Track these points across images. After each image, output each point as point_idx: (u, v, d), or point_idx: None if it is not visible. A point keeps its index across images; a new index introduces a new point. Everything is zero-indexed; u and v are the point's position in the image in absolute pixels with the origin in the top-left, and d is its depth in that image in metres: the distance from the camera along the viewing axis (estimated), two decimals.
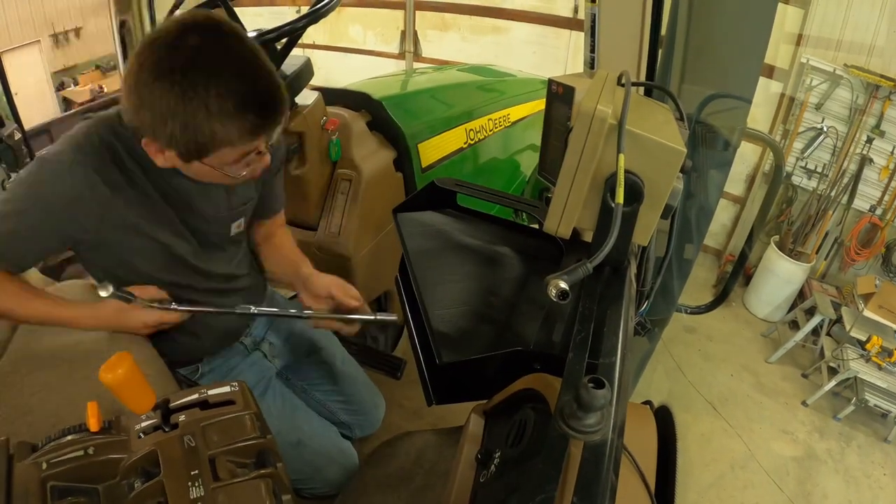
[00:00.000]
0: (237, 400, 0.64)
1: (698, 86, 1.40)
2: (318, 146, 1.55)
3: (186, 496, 0.53)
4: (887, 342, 2.79)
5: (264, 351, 1.29)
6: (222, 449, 0.58)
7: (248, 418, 0.62)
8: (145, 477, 0.55)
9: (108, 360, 0.55)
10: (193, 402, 0.63)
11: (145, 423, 0.60)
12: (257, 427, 0.62)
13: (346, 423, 1.41)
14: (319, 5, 1.37)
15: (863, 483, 2.50)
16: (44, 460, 0.54)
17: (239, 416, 0.62)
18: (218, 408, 0.63)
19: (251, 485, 0.55)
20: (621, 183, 0.72)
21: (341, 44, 4.93)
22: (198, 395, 0.63)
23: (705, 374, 2.94)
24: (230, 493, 0.54)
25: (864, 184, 3.14)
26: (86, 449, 0.56)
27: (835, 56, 3.04)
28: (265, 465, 0.58)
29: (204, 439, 0.58)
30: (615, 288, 0.85)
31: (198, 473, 0.55)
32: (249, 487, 0.55)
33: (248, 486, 0.55)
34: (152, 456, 0.56)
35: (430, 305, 0.93)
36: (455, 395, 0.90)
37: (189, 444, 0.57)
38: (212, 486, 0.54)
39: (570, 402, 0.54)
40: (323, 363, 1.39)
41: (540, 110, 2.31)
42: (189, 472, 0.55)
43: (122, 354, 0.56)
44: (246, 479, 0.56)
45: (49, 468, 0.54)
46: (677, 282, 1.49)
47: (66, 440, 0.57)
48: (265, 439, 0.61)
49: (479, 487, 0.72)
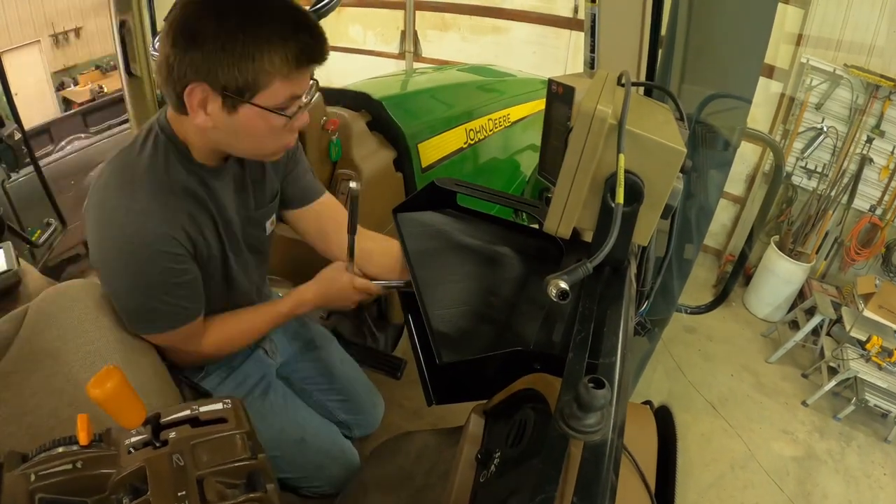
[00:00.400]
0: (229, 418, 0.62)
1: (698, 86, 1.40)
2: (318, 146, 1.56)
3: None
4: (887, 342, 2.79)
5: (265, 348, 1.29)
6: (211, 469, 0.56)
7: (240, 437, 0.60)
8: (133, 494, 0.54)
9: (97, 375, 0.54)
10: (184, 419, 0.61)
11: (135, 439, 0.58)
12: (248, 447, 0.60)
13: (344, 423, 1.41)
14: (319, 5, 1.37)
15: (863, 483, 2.50)
16: (32, 472, 0.53)
17: (230, 436, 0.60)
18: (209, 425, 0.61)
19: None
20: (621, 183, 0.72)
21: (341, 44, 4.92)
22: (189, 412, 0.62)
23: (705, 374, 2.94)
24: None
25: (864, 184, 3.14)
26: (74, 462, 0.55)
27: (835, 56, 3.04)
28: (255, 487, 0.57)
29: (193, 458, 0.57)
30: (615, 288, 0.85)
31: (185, 495, 0.53)
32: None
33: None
34: (141, 472, 0.55)
35: (430, 305, 0.93)
36: (455, 395, 0.91)
37: (178, 462, 0.56)
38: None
39: (570, 402, 0.54)
40: (321, 362, 1.39)
41: (540, 110, 2.31)
42: (176, 492, 0.53)
43: (111, 369, 0.55)
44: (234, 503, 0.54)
45: (37, 480, 0.53)
46: (677, 282, 1.49)
47: (56, 452, 0.56)
48: (256, 460, 0.59)
49: (479, 487, 0.72)
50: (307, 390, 1.37)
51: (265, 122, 0.85)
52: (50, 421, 0.82)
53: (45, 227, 2.16)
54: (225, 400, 0.64)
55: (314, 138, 1.53)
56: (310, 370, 1.38)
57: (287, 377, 1.35)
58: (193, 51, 0.78)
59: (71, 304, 0.95)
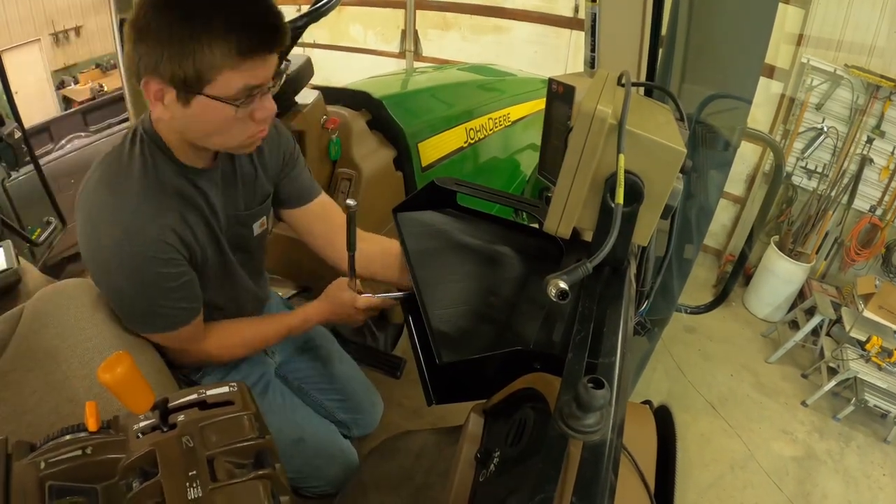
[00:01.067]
0: (236, 400, 0.63)
1: (698, 86, 1.40)
2: (318, 145, 1.55)
3: (184, 497, 0.52)
4: (887, 342, 2.79)
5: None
6: (220, 449, 0.58)
7: (247, 419, 0.62)
8: (143, 477, 0.55)
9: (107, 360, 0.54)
10: (192, 403, 0.62)
11: (143, 423, 0.59)
12: (256, 427, 0.62)
13: (343, 422, 1.41)
14: (319, 4, 1.37)
15: (862, 483, 2.50)
16: (42, 459, 0.54)
17: (237, 417, 0.61)
18: (216, 408, 0.62)
19: (249, 486, 0.55)
20: (621, 183, 0.72)
21: (342, 43, 4.92)
22: (196, 396, 0.63)
23: (705, 373, 2.94)
24: (228, 493, 0.54)
25: (865, 184, 3.14)
26: (84, 448, 0.55)
27: (835, 56, 3.04)
28: (263, 465, 0.58)
29: (202, 440, 0.58)
30: (615, 288, 0.85)
31: (196, 474, 0.54)
32: (247, 488, 0.55)
33: (247, 486, 0.55)
34: (150, 456, 0.56)
35: (430, 305, 0.93)
36: (455, 394, 0.91)
37: (187, 444, 0.57)
38: (210, 487, 0.54)
39: (569, 402, 0.54)
40: (320, 361, 1.39)
41: (540, 110, 2.31)
42: (187, 472, 0.54)
43: (121, 354, 0.55)
44: (244, 480, 0.56)
45: (47, 467, 0.54)
46: (677, 282, 1.49)
47: (65, 440, 0.56)
48: (263, 440, 0.61)
49: (478, 487, 0.72)
50: (305, 389, 1.37)
51: (220, 113, 0.83)
52: (51, 417, 0.82)
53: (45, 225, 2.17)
54: (231, 384, 0.65)
55: (314, 137, 1.53)
56: (308, 369, 1.37)
57: (285, 376, 1.35)
58: (141, 45, 0.79)
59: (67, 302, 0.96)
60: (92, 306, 0.96)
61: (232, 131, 0.87)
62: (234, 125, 0.86)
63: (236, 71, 0.80)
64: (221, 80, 0.80)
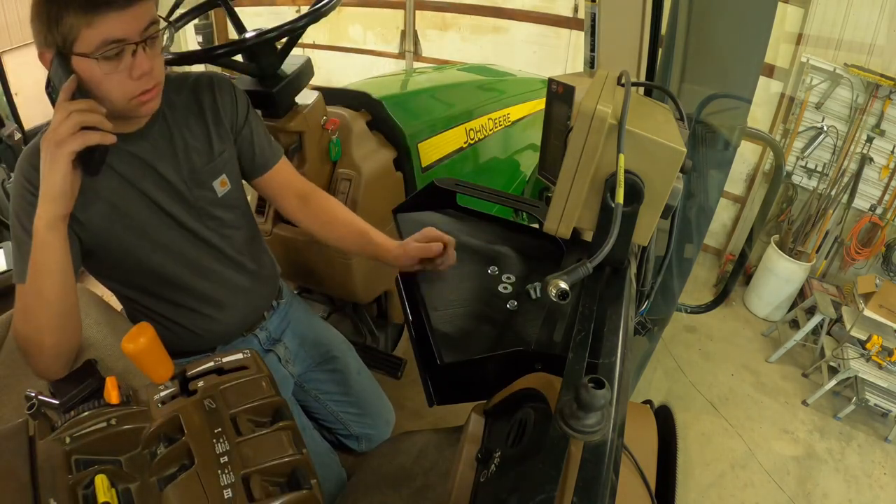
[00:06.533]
0: (250, 365, 0.68)
1: (698, 86, 1.40)
2: (317, 146, 1.55)
3: (213, 452, 0.55)
4: (887, 341, 2.79)
5: (279, 354, 1.26)
6: (242, 408, 0.62)
7: (263, 380, 0.66)
8: (168, 442, 0.58)
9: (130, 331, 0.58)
10: (209, 370, 0.66)
11: (164, 393, 0.63)
12: (271, 388, 0.66)
13: (354, 436, 1.40)
14: (319, 5, 1.37)
15: (863, 482, 2.50)
16: (67, 435, 0.56)
17: (254, 379, 0.66)
18: (233, 373, 0.67)
19: (274, 436, 0.59)
20: (621, 183, 0.72)
21: (341, 43, 4.92)
22: (213, 363, 0.67)
23: (705, 373, 2.94)
24: (254, 445, 0.58)
25: (865, 183, 3.14)
26: (108, 420, 0.58)
27: (835, 55, 3.04)
28: (283, 418, 0.63)
29: (224, 400, 0.62)
30: (615, 288, 0.85)
31: (221, 431, 0.58)
32: (273, 438, 0.59)
33: (272, 436, 0.59)
34: (175, 421, 0.59)
35: (430, 305, 0.93)
36: (456, 395, 0.90)
37: (210, 406, 0.60)
38: (236, 441, 0.57)
39: (570, 402, 0.54)
40: (338, 373, 1.38)
41: (540, 110, 2.31)
42: (212, 430, 0.58)
43: (143, 325, 0.59)
44: (269, 432, 0.60)
45: (72, 442, 0.56)
46: (677, 281, 1.49)
47: (86, 415, 0.58)
48: (279, 398, 0.65)
49: (479, 487, 0.72)
50: (322, 400, 1.36)
51: (88, 70, 0.84)
52: None
53: None
54: (244, 350, 0.71)
55: (314, 138, 1.53)
56: (326, 380, 1.36)
57: (303, 386, 1.34)
58: (32, 25, 0.85)
59: None
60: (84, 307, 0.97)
61: (109, 90, 0.87)
62: (106, 83, 0.86)
63: (92, 27, 0.82)
64: (82, 37, 0.82)
